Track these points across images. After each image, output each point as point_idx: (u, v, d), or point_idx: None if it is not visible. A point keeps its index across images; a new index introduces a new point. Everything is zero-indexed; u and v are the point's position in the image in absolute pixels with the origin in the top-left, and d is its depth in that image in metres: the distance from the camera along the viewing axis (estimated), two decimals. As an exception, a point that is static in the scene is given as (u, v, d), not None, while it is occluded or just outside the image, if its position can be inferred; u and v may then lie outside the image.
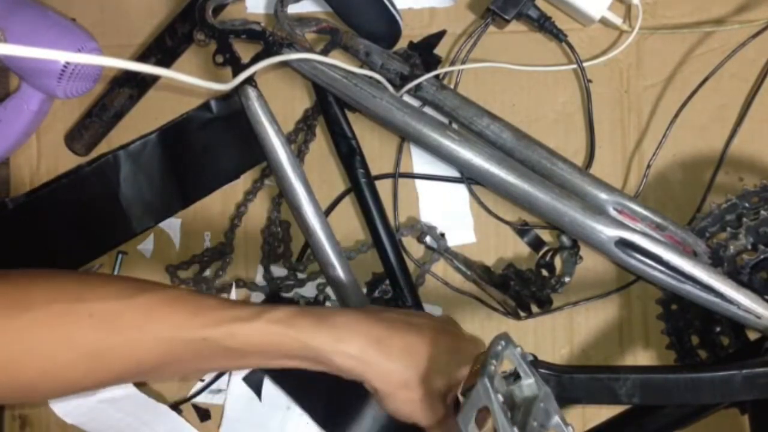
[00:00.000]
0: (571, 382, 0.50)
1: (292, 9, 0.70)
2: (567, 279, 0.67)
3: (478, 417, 0.44)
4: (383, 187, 0.72)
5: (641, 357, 0.70)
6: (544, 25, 0.68)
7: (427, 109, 0.68)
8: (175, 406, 0.72)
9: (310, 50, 0.65)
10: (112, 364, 0.43)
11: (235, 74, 0.63)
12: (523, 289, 0.67)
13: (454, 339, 0.51)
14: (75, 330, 0.41)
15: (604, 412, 0.58)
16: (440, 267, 0.71)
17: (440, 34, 0.71)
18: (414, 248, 0.71)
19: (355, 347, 0.45)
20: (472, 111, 0.66)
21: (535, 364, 0.49)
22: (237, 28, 0.65)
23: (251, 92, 0.63)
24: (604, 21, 0.69)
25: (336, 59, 0.64)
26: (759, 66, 0.70)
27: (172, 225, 0.73)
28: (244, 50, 0.65)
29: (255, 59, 0.64)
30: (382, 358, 0.46)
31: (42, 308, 0.41)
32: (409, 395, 0.47)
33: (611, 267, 0.70)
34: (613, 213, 0.64)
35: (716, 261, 0.63)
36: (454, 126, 0.67)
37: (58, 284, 0.42)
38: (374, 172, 0.71)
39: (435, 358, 0.47)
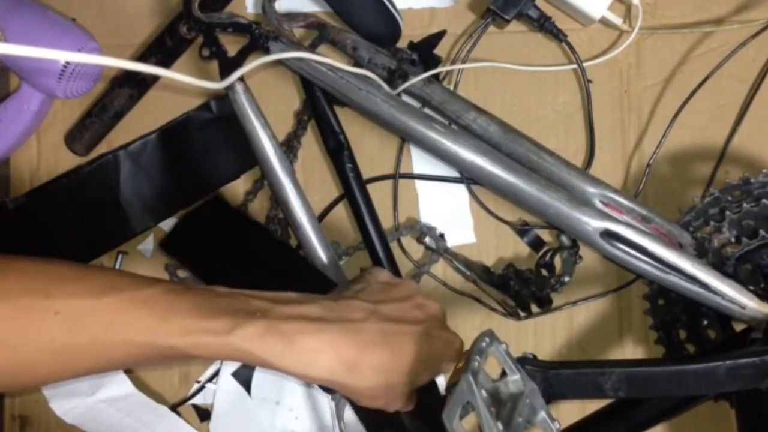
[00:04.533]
0: (557, 378, 0.50)
1: (291, 7, 0.70)
2: (567, 279, 0.67)
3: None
4: (383, 188, 0.72)
5: (641, 356, 0.70)
6: (544, 25, 0.68)
7: (415, 104, 0.68)
8: (175, 407, 0.72)
9: (298, 44, 0.66)
10: (78, 361, 0.43)
11: (222, 67, 0.64)
12: (523, 289, 0.67)
13: (431, 346, 0.50)
14: (40, 327, 0.41)
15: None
16: (440, 267, 0.71)
17: (440, 34, 0.71)
18: (413, 249, 0.71)
19: (325, 372, 0.45)
20: (459, 105, 0.66)
21: (522, 360, 0.50)
22: (223, 21, 0.65)
23: (238, 86, 0.64)
24: (604, 21, 0.69)
25: (324, 54, 0.65)
26: (759, 66, 0.70)
27: (172, 225, 0.73)
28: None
29: (241, 53, 0.64)
30: (350, 380, 0.46)
31: (10, 301, 0.40)
32: (374, 402, 0.49)
33: (611, 267, 0.70)
34: (599, 205, 0.64)
35: (701, 253, 0.63)
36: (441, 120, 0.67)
37: (28, 277, 0.42)
38: (374, 172, 0.71)
39: (406, 370, 0.48)
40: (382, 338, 0.47)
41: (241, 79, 0.64)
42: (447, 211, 0.72)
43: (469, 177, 0.70)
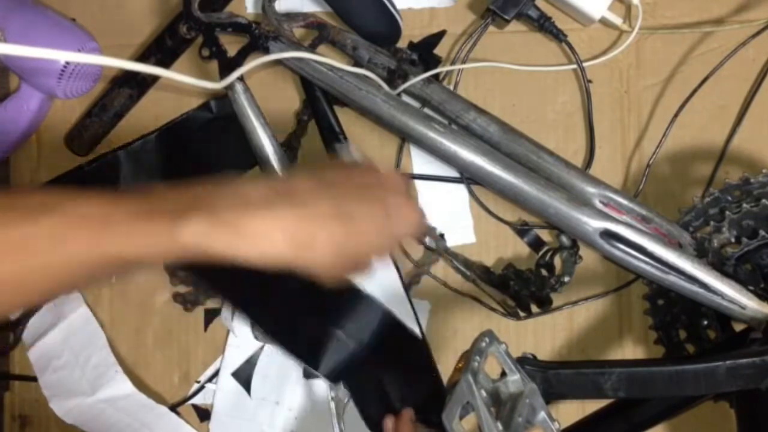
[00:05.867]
0: (556, 378, 0.50)
1: (291, 7, 0.70)
2: (567, 279, 0.67)
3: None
4: (383, 187, 0.72)
5: (641, 356, 0.70)
6: (544, 25, 0.68)
7: (415, 104, 0.68)
8: (175, 407, 0.72)
9: (298, 44, 0.66)
10: (27, 289, 0.41)
11: (222, 67, 0.64)
12: (523, 289, 0.67)
13: (389, 212, 0.47)
14: None
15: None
16: (440, 267, 0.71)
17: (440, 34, 0.71)
18: (413, 249, 0.71)
19: (278, 254, 0.43)
20: (459, 105, 0.67)
21: (521, 360, 0.50)
22: (223, 21, 0.65)
23: (238, 86, 0.64)
24: (604, 21, 0.69)
25: (324, 54, 0.65)
26: (759, 66, 0.70)
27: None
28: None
29: (241, 53, 0.64)
30: (307, 259, 0.44)
31: None
32: (338, 273, 0.46)
33: (611, 267, 0.70)
34: (598, 205, 0.64)
35: (701, 253, 0.63)
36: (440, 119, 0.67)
37: None
38: (374, 172, 0.71)
39: (365, 239, 0.45)
40: (333, 209, 0.45)
41: (241, 78, 0.64)
42: (447, 211, 0.71)
43: (469, 177, 0.70)
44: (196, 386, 0.72)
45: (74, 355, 0.72)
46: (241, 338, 0.71)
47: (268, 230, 0.43)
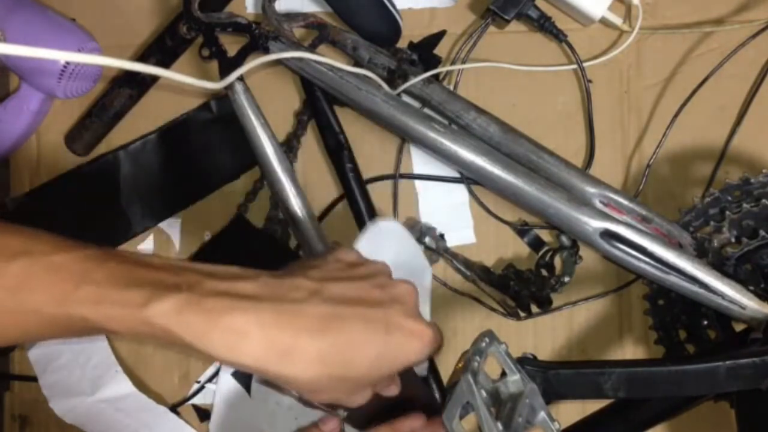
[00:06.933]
0: (556, 378, 0.50)
1: (291, 7, 0.70)
2: (567, 279, 0.67)
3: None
4: (383, 188, 0.72)
5: (641, 356, 0.70)
6: (544, 25, 0.68)
7: (415, 104, 0.68)
8: (175, 407, 0.72)
9: (298, 44, 0.66)
10: None
11: (222, 67, 0.64)
12: (523, 289, 0.67)
13: (390, 336, 0.41)
14: None
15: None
16: (440, 267, 0.71)
17: (440, 34, 0.71)
18: (414, 248, 0.71)
19: (251, 358, 0.38)
20: (459, 105, 0.67)
21: (522, 360, 0.49)
22: (223, 21, 0.65)
23: (237, 86, 0.64)
24: (604, 21, 0.69)
25: (324, 54, 0.65)
26: (759, 66, 0.70)
27: (172, 225, 0.73)
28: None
29: (241, 53, 0.64)
30: (283, 370, 0.38)
31: None
32: (319, 396, 0.43)
33: (611, 267, 0.70)
34: (599, 205, 0.64)
35: (701, 253, 0.63)
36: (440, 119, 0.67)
37: None
38: (374, 172, 0.71)
39: (355, 363, 0.40)
40: (322, 323, 0.39)
41: (241, 78, 0.64)
42: (447, 211, 0.71)
43: (469, 177, 0.70)
44: (196, 386, 0.72)
45: (74, 355, 0.72)
46: (241, 338, 0.71)
47: (246, 330, 0.38)
